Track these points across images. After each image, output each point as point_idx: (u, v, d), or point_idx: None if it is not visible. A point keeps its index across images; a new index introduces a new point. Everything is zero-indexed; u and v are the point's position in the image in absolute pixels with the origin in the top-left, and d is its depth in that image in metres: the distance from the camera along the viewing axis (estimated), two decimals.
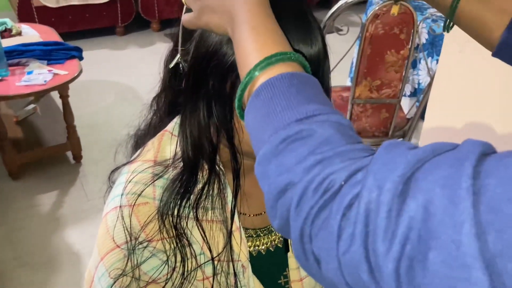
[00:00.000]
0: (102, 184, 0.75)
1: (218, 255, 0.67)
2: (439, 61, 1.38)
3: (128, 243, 0.63)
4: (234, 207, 0.67)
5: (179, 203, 0.65)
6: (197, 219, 0.66)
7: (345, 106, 2.19)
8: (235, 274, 0.69)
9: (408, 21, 1.91)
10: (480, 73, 1.22)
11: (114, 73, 3.80)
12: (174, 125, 0.70)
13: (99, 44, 4.31)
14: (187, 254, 0.66)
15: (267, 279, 0.74)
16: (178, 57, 0.65)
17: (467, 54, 1.23)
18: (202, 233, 0.66)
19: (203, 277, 0.67)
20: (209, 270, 0.67)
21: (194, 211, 0.66)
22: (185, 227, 0.66)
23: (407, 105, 2.70)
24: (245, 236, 0.71)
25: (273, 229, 0.76)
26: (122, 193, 0.65)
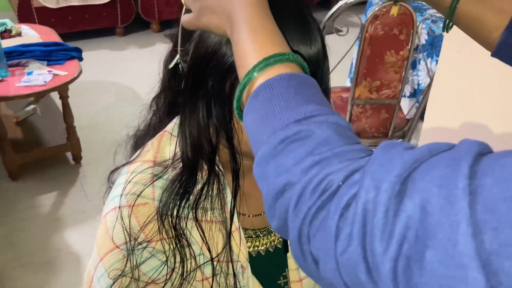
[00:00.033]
0: (102, 184, 0.75)
1: (217, 255, 0.67)
2: (438, 62, 1.38)
3: (127, 244, 0.63)
4: (233, 207, 0.67)
5: (178, 203, 0.65)
6: (196, 220, 0.66)
7: (345, 106, 2.19)
8: (235, 274, 0.69)
9: (407, 22, 1.92)
10: (479, 73, 1.21)
11: (114, 74, 3.80)
12: (173, 125, 0.70)
13: (99, 44, 4.31)
14: (187, 254, 0.66)
15: (267, 279, 0.74)
16: (177, 57, 0.65)
17: (466, 54, 1.22)
18: (201, 234, 0.66)
19: (203, 277, 0.67)
20: (208, 270, 0.67)
21: (193, 211, 0.66)
22: (184, 227, 0.66)
23: (406, 105, 2.70)
24: (245, 236, 0.71)
25: (272, 230, 0.76)
26: (121, 194, 0.65)
